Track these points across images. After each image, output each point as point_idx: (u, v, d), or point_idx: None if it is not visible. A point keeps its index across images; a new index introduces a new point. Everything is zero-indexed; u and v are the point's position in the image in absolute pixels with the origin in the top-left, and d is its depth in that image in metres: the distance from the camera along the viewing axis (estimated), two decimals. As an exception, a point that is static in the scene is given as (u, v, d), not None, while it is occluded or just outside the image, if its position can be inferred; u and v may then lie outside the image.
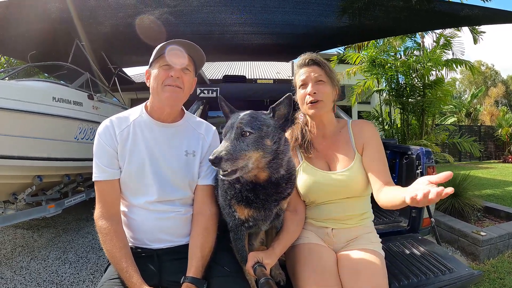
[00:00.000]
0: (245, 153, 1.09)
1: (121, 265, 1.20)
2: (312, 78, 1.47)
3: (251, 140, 1.11)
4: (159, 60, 1.35)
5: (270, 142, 1.15)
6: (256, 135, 1.12)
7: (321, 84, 1.47)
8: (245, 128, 1.11)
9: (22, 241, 3.93)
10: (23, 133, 3.06)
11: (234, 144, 1.09)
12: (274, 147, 1.17)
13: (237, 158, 1.07)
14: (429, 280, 1.57)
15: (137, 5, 3.93)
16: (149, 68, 1.40)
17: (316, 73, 1.47)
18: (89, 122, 4.02)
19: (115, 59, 6.13)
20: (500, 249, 3.36)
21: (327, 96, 1.47)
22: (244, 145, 1.09)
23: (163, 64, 1.33)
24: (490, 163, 13.43)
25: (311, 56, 1.52)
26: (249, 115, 1.17)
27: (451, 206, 4.30)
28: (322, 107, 1.47)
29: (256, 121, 1.15)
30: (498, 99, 26.84)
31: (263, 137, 1.13)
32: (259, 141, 1.12)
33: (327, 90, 1.48)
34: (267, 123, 1.17)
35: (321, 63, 1.50)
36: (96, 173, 1.32)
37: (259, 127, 1.13)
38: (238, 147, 1.08)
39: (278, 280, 1.48)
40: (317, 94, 1.45)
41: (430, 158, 2.29)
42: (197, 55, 1.42)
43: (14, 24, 4.09)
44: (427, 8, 3.82)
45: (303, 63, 1.53)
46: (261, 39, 5.39)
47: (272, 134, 1.17)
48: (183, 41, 1.34)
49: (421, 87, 6.00)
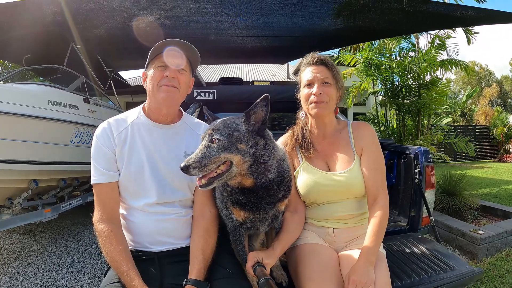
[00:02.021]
0: (213, 159, 1.09)
1: (122, 269, 1.19)
2: (319, 79, 1.46)
3: (220, 146, 1.11)
4: (154, 61, 1.34)
5: (245, 146, 1.14)
6: (224, 142, 1.11)
7: (327, 86, 1.46)
8: (214, 136, 1.12)
9: (18, 246, 3.88)
10: (18, 136, 3.02)
11: (203, 152, 1.10)
12: (252, 151, 1.15)
13: (205, 165, 1.08)
14: (430, 278, 1.57)
15: (132, 9, 3.92)
16: (145, 70, 1.39)
17: (323, 74, 1.47)
18: (85, 126, 3.99)
19: (110, 63, 6.09)
20: (498, 247, 3.38)
21: (331, 98, 1.48)
22: (213, 152, 1.10)
23: (159, 65, 1.33)
24: (485, 163, 13.53)
25: (320, 56, 1.51)
26: (221, 122, 1.17)
27: (448, 205, 4.33)
28: (326, 108, 1.48)
29: (226, 127, 1.14)
30: (492, 99, 27.13)
31: (234, 142, 1.12)
32: (230, 147, 1.11)
33: (332, 92, 1.47)
34: (238, 129, 1.15)
35: (329, 64, 1.50)
36: (94, 176, 1.31)
37: (228, 134, 1.12)
38: (207, 154, 1.09)
39: (280, 281, 1.47)
40: (322, 95, 1.45)
41: (428, 157, 2.29)
42: (192, 55, 1.41)
43: (9, 27, 4.05)
44: (422, 10, 3.86)
45: (311, 62, 1.51)
46: (257, 41, 5.40)
47: (245, 139, 1.15)
48: (178, 40, 1.34)
49: (417, 88, 6.04)
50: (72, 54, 4.70)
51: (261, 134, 1.19)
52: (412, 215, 2.28)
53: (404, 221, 2.36)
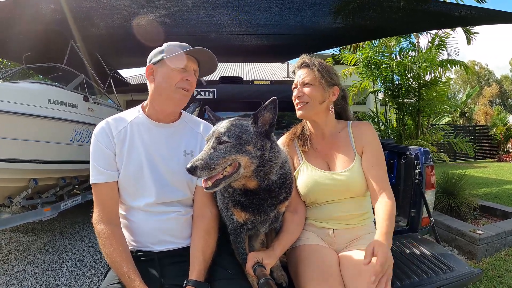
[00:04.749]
0: (220, 160, 1.08)
1: (122, 270, 1.18)
2: (300, 82, 1.51)
3: (228, 148, 1.09)
4: (173, 59, 1.29)
5: (253, 148, 1.13)
6: (233, 143, 1.10)
7: (308, 87, 1.49)
8: (222, 138, 1.11)
9: (18, 245, 3.88)
10: (18, 135, 3.02)
11: (210, 153, 1.09)
12: (259, 153, 1.15)
13: (213, 167, 1.07)
14: (430, 279, 1.57)
15: (131, 7, 3.90)
16: (154, 65, 1.33)
17: (304, 76, 1.50)
18: (84, 124, 3.98)
19: (110, 61, 6.08)
20: (497, 247, 3.38)
21: (313, 98, 1.48)
22: (220, 153, 1.08)
23: (180, 66, 1.30)
24: (485, 162, 13.55)
25: (303, 59, 1.55)
26: (229, 123, 1.16)
27: (448, 205, 4.33)
28: (308, 109, 1.49)
29: (235, 129, 1.13)
30: (492, 99, 27.13)
31: (242, 144, 1.11)
32: (238, 148, 1.10)
33: (314, 92, 1.48)
34: (247, 130, 1.15)
35: (311, 65, 1.51)
36: (93, 176, 1.29)
37: (237, 135, 1.12)
38: (214, 156, 1.08)
39: (280, 282, 1.47)
40: (302, 96, 1.49)
41: (429, 158, 2.29)
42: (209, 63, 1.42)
43: (8, 26, 4.03)
44: (422, 9, 3.85)
45: (297, 66, 1.58)
46: (257, 39, 5.39)
47: (253, 141, 1.14)
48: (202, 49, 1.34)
49: (417, 87, 6.04)
50: (71, 53, 4.68)
51: (268, 137, 1.19)
52: (412, 215, 2.29)
53: (404, 221, 2.37)
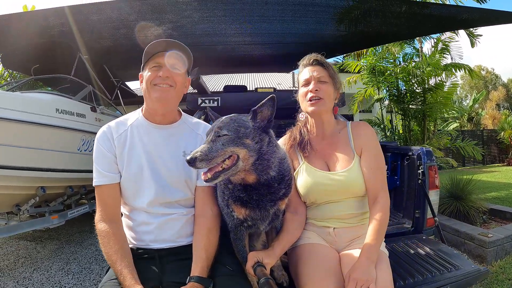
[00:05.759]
0: (219, 152, 1.10)
1: (116, 267, 1.21)
2: (315, 77, 1.51)
3: (226, 140, 1.12)
4: (149, 62, 1.37)
5: (251, 141, 1.16)
6: (231, 136, 1.13)
7: (323, 84, 1.50)
8: (221, 131, 1.13)
9: (25, 252, 3.92)
10: (26, 143, 3.08)
11: (210, 145, 1.11)
12: (257, 146, 1.17)
13: (212, 158, 1.09)
14: (434, 278, 1.54)
15: (139, 21, 4.00)
16: (142, 72, 1.42)
17: (320, 73, 1.51)
18: (92, 134, 4.04)
19: (117, 73, 6.19)
20: (507, 250, 3.32)
21: (328, 96, 1.51)
22: (219, 145, 1.11)
23: (153, 65, 1.35)
24: (494, 167, 13.31)
25: (316, 57, 1.56)
26: (228, 118, 1.20)
27: (456, 209, 4.26)
28: (322, 105, 1.50)
29: (233, 123, 1.16)
30: (499, 103, 26.79)
31: (240, 137, 1.14)
32: (237, 141, 1.13)
33: (329, 90, 1.51)
34: (245, 124, 1.18)
35: (325, 64, 1.55)
36: (96, 178, 1.34)
37: (235, 129, 1.14)
38: (214, 148, 1.10)
39: (281, 281, 1.47)
40: (318, 91, 1.49)
41: (431, 157, 2.28)
42: (183, 53, 1.42)
43: (16, 38, 4.15)
44: (423, 13, 3.87)
45: (308, 63, 1.57)
46: (261, 49, 5.45)
47: (252, 135, 1.17)
48: (169, 40, 1.36)
49: (422, 92, 6.02)
50: (79, 64, 4.78)
51: (267, 131, 1.22)
52: (417, 216, 2.26)
53: (408, 222, 2.34)
